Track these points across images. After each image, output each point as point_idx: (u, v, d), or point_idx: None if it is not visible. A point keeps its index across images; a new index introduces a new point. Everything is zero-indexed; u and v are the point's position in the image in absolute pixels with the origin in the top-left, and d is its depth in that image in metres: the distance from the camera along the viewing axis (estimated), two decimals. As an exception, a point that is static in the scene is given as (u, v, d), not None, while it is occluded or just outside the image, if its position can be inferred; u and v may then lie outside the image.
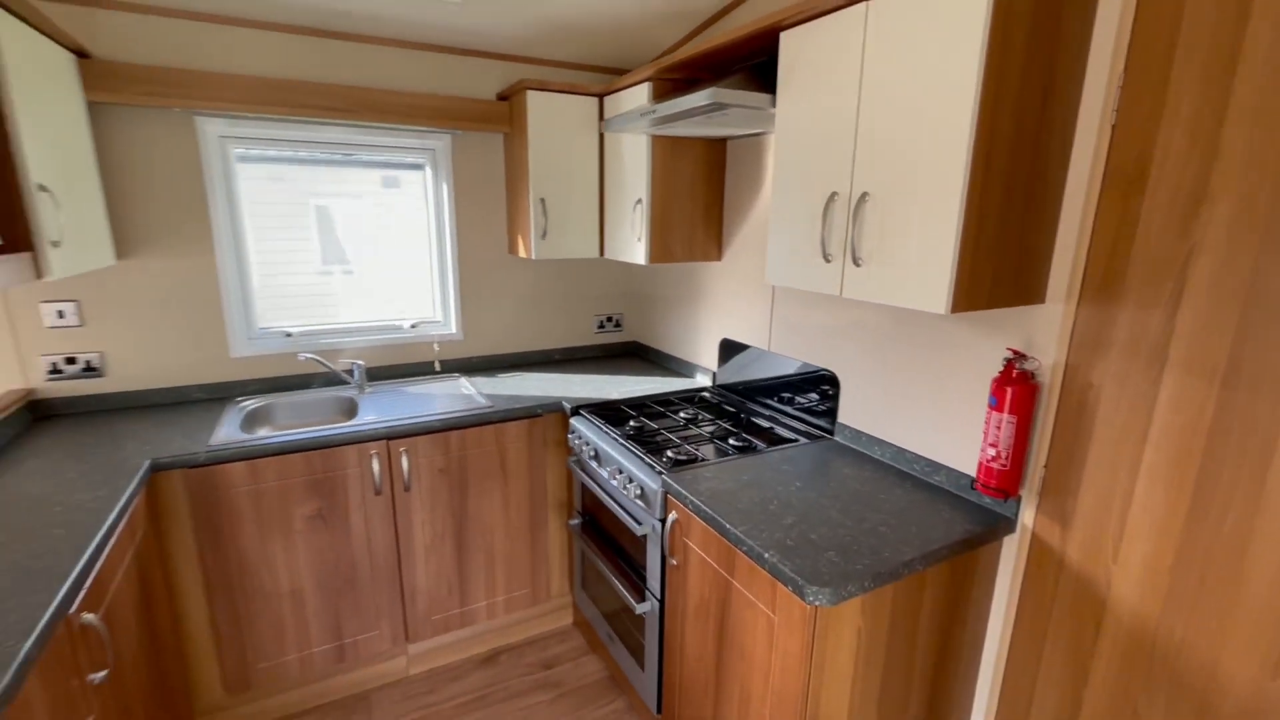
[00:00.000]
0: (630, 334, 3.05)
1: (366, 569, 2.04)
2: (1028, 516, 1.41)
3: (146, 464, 1.66)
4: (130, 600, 1.44)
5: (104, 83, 1.86)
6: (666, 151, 2.13)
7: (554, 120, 2.28)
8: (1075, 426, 1.29)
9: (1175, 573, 1.14)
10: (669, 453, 1.78)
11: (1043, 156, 1.21)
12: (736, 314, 2.29)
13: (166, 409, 2.12)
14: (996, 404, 1.35)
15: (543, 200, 2.32)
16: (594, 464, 2.01)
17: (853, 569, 1.21)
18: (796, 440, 1.88)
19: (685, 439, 1.91)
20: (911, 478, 1.63)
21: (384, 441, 1.98)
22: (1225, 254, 1.04)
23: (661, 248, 2.20)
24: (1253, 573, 1.04)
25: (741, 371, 2.27)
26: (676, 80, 2.05)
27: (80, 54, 1.84)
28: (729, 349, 2.34)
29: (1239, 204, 1.02)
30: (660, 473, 1.65)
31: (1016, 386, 1.32)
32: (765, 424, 2.04)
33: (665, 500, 1.64)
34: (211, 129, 2.10)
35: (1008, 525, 1.42)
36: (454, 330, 2.64)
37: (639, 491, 1.73)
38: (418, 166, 2.48)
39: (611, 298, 2.96)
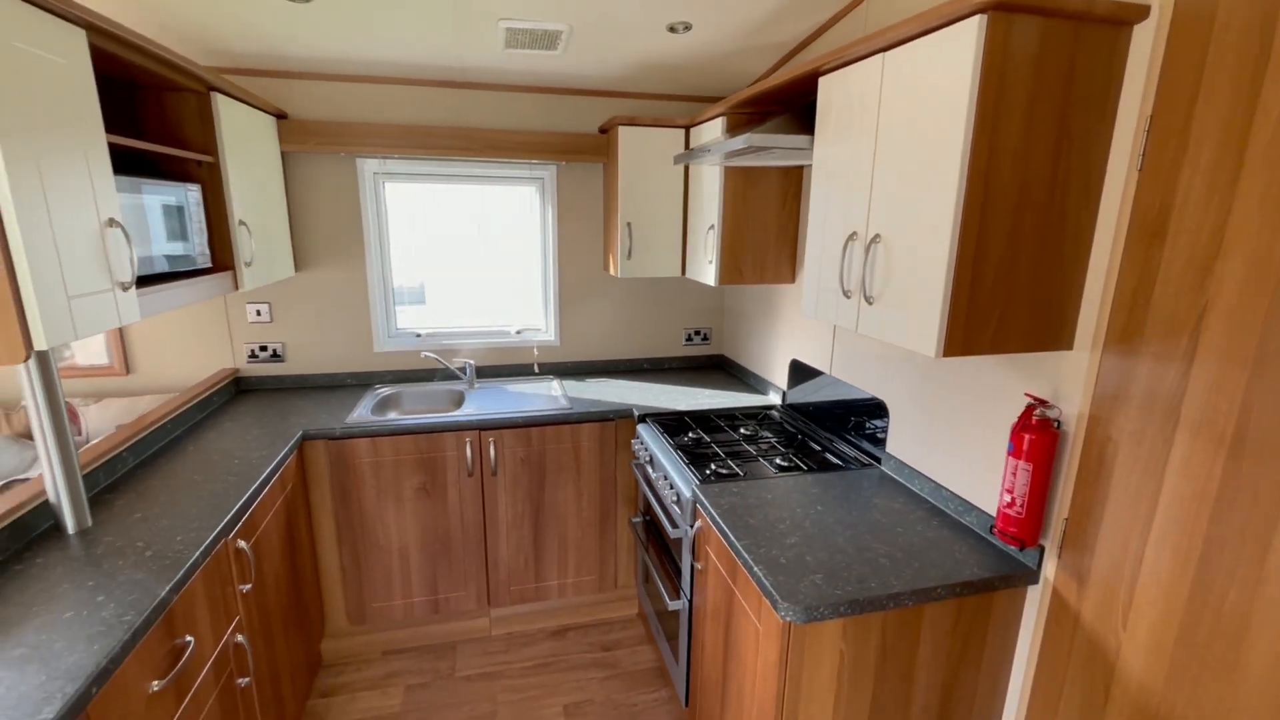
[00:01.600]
0: (717, 348, 3.18)
1: (459, 537, 2.41)
2: (1049, 569, 1.36)
3: (299, 433, 2.15)
4: (276, 535, 1.89)
5: (294, 136, 2.41)
6: (739, 179, 2.25)
7: (642, 151, 2.50)
8: (1094, 481, 1.24)
9: (1179, 647, 1.07)
10: (712, 466, 1.92)
11: (1060, 203, 1.19)
12: (805, 335, 2.34)
13: (325, 390, 2.66)
14: (1013, 450, 1.33)
15: (629, 224, 2.55)
16: (650, 469, 2.19)
17: (832, 593, 1.28)
18: (844, 466, 1.91)
19: (734, 455, 2.02)
20: (943, 515, 1.61)
21: (476, 431, 2.33)
22: (1237, 313, 0.97)
23: (730, 270, 2.32)
24: (1251, 656, 0.96)
25: (807, 393, 2.32)
26: (750, 114, 2.16)
27: (280, 115, 2.40)
28: (798, 370, 2.40)
29: (1251, 262, 0.95)
30: (695, 483, 1.80)
31: (1034, 434, 1.29)
32: (819, 447, 2.09)
33: (695, 508, 1.79)
34: (368, 168, 2.60)
35: (1030, 575, 1.38)
36: (553, 338, 2.96)
37: (676, 497, 1.89)
38: (529, 190, 2.83)
39: (702, 312, 3.11)
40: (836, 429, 2.13)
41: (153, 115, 1.86)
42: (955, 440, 1.60)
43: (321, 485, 2.24)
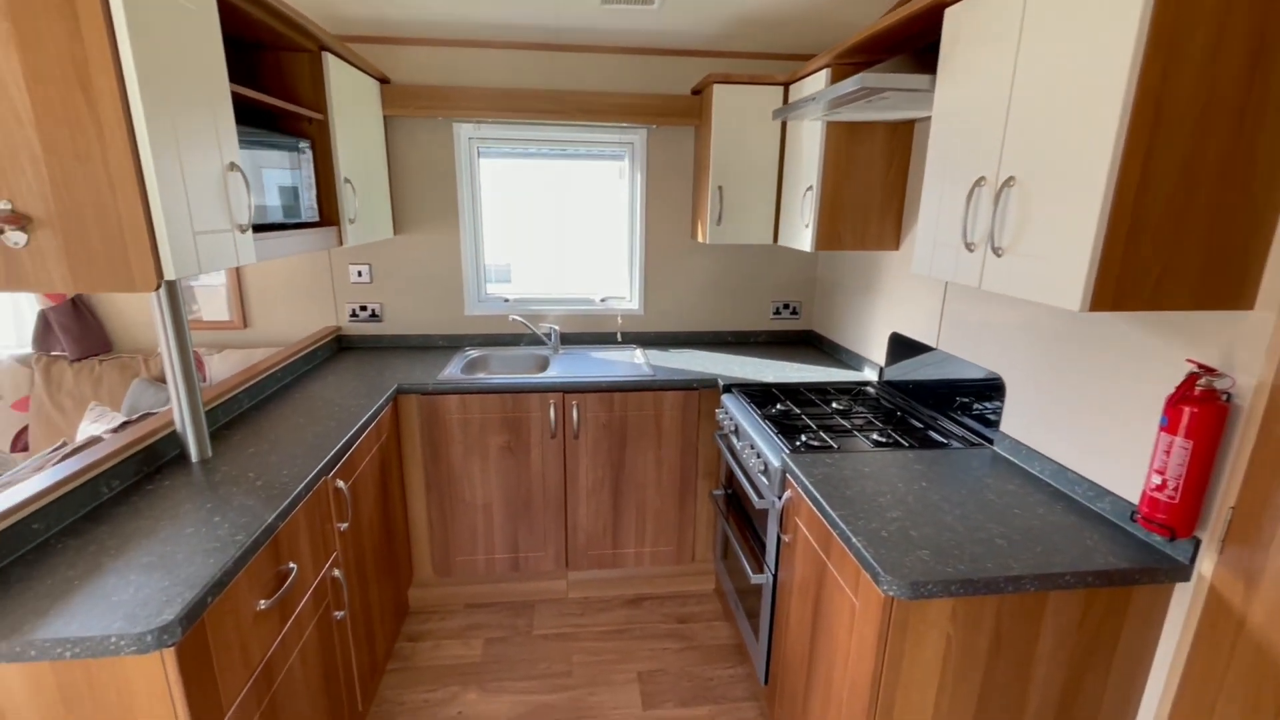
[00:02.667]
0: (807, 322, 3.04)
1: (540, 498, 2.44)
2: (1206, 565, 1.18)
3: (394, 387, 2.23)
4: (371, 481, 1.97)
5: (396, 101, 2.48)
6: (842, 137, 2.10)
7: (737, 111, 2.39)
8: (1275, 466, 1.05)
9: (1387, 662, 0.89)
10: (803, 437, 1.82)
11: (1252, 131, 1.00)
12: (909, 307, 2.18)
13: (418, 350, 2.76)
14: (1168, 424, 1.15)
15: (720, 188, 2.45)
16: (734, 439, 2.12)
17: (942, 569, 1.16)
18: (948, 444, 1.76)
19: (826, 427, 1.91)
20: (1067, 499, 1.44)
21: (560, 394, 2.33)
22: None
23: (829, 234, 2.19)
24: None
25: (908, 368, 2.16)
26: (857, 64, 2.01)
27: (383, 80, 2.48)
28: (898, 344, 2.23)
29: None
30: (785, 452, 1.71)
31: (1197, 406, 1.11)
32: (920, 425, 1.94)
33: (784, 478, 1.70)
34: (464, 132, 2.64)
35: (1179, 570, 1.20)
36: (637, 306, 2.92)
37: (764, 467, 1.81)
38: (618, 157, 2.79)
39: (791, 285, 2.98)
40: (941, 407, 1.96)
41: (270, 74, 1.95)
42: (1087, 418, 1.42)
43: (413, 438, 2.32)
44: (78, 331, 2.57)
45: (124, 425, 1.77)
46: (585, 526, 2.50)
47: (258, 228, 1.69)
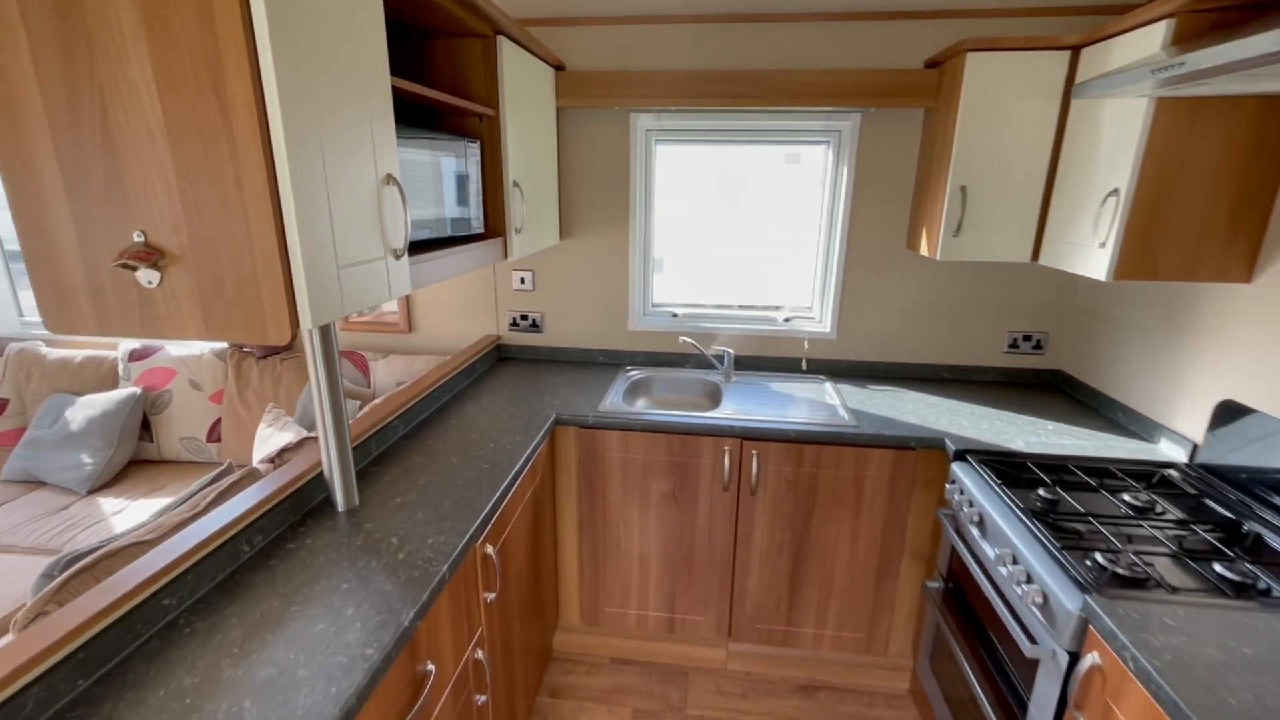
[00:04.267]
0: (1054, 360, 2.35)
1: (704, 556, 2.08)
2: None
3: (552, 417, 1.97)
4: (523, 530, 1.73)
5: (570, 90, 2.20)
6: (1180, 122, 1.45)
7: (996, 87, 1.80)
8: None
9: None
10: (1098, 556, 1.26)
11: None
12: (1263, 366, 1.49)
13: (577, 366, 2.51)
14: None
15: (963, 188, 1.89)
16: (975, 531, 1.59)
17: None
18: (1368, 605, 1.11)
19: (1129, 539, 1.33)
20: None
21: (738, 440, 1.94)
22: None
23: (1138, 258, 1.55)
24: None
25: (1250, 453, 1.48)
26: (1224, 9, 1.35)
27: (558, 67, 2.21)
28: (1232, 416, 1.55)
29: None
30: (1084, 587, 1.17)
31: None
32: (1293, 554, 1.28)
33: (1084, 630, 1.16)
34: (642, 123, 2.31)
35: None
36: (827, 328, 2.43)
37: (1040, 600, 1.28)
38: (821, 142, 2.30)
39: (1034, 310, 2.31)
40: (1336, 532, 1.28)
41: (437, 65, 1.74)
42: None
43: (569, 473, 2.06)
44: (264, 329, 2.63)
45: (281, 452, 1.68)
46: (755, 595, 2.10)
47: (415, 246, 1.47)
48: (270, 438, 2.06)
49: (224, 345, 2.74)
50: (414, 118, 1.73)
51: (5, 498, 2.40)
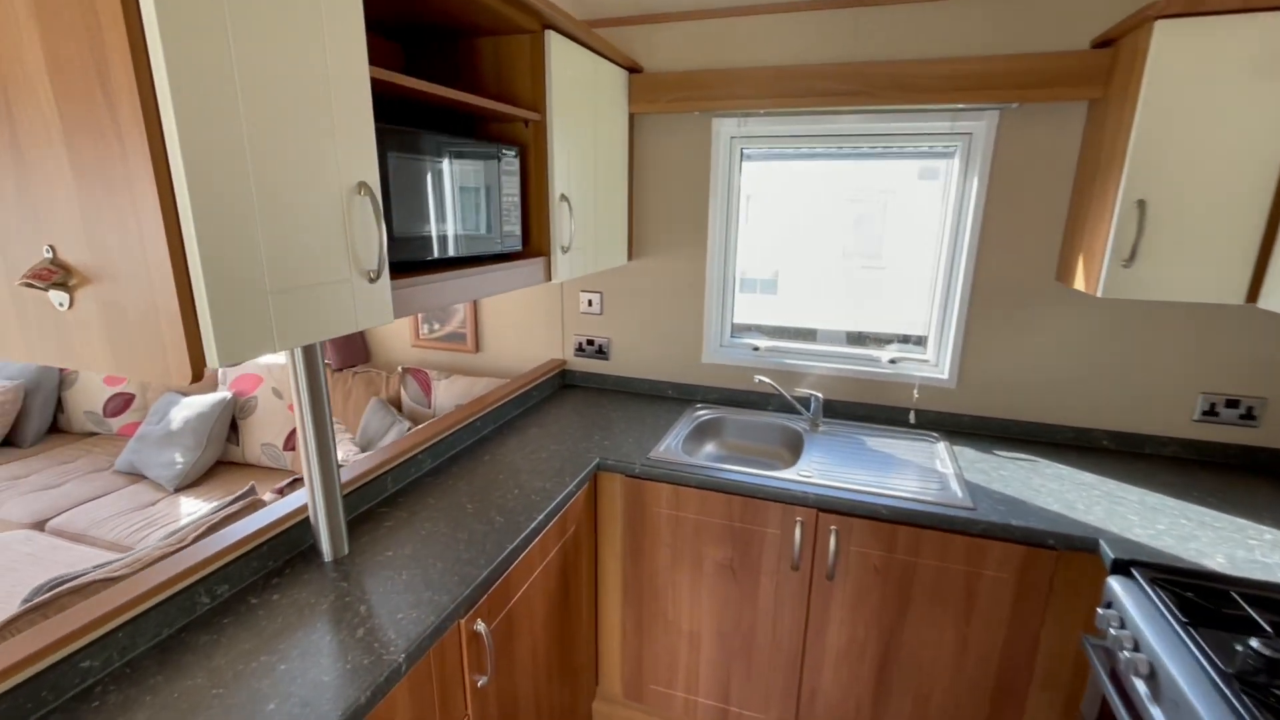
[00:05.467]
0: (1273, 436, 1.73)
1: (767, 643, 1.72)
2: None
3: (594, 462, 1.73)
4: (544, 593, 1.49)
5: (643, 94, 1.98)
6: None
7: (1197, 66, 1.32)
8: None
9: None
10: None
11: None
12: None
13: (643, 399, 2.25)
14: None
15: (1141, 202, 1.41)
16: (1141, 686, 1.11)
17: None
18: None
19: None
20: None
21: (814, 511, 1.58)
22: None
23: None
24: None
25: None
26: None
27: (633, 69, 1.99)
28: None
29: None
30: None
31: None
32: None
33: None
34: (725, 130, 2.02)
35: None
36: (944, 374, 1.98)
37: (1254, 838, 0.82)
38: (946, 154, 1.89)
39: (1244, 368, 1.72)
40: None
41: (485, 65, 1.58)
42: None
43: (613, 525, 1.81)
44: (342, 341, 2.65)
45: (293, 482, 1.58)
46: (828, 698, 1.70)
47: (430, 263, 1.30)
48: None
49: (307, 356, 2.80)
50: (449, 123, 1.58)
51: (112, 486, 2.57)
